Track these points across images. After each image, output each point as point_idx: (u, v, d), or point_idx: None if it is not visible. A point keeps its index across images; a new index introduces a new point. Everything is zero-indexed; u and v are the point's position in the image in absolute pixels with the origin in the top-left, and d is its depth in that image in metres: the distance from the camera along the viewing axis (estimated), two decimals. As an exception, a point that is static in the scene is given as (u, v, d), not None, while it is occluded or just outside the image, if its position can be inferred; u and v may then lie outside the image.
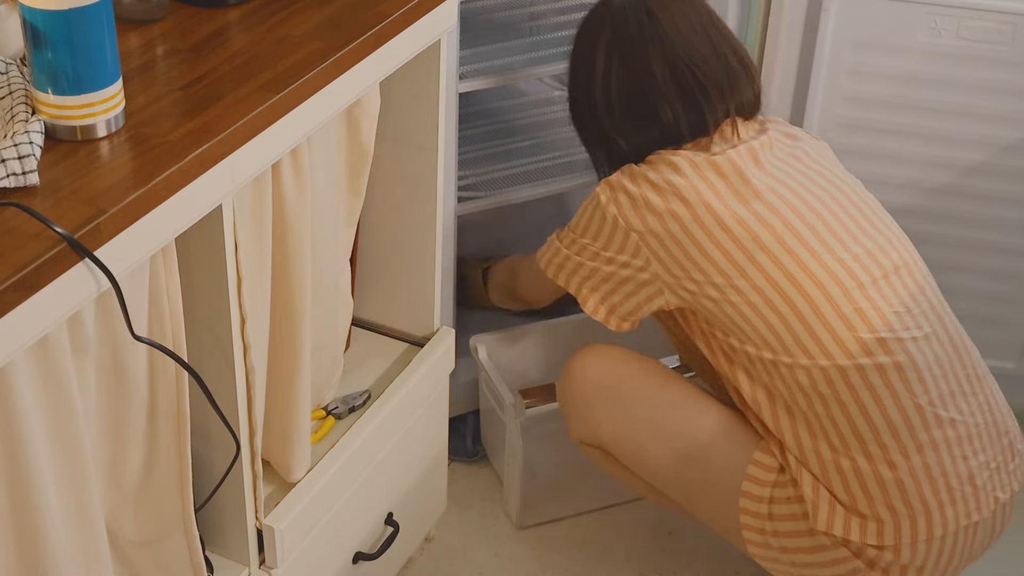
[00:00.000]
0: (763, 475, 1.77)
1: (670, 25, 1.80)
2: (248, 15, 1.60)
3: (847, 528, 1.71)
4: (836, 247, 1.72)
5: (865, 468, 1.69)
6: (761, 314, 1.71)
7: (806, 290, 1.70)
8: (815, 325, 1.69)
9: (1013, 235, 2.29)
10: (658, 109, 1.79)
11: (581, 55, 1.88)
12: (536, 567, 2.18)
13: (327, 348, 1.84)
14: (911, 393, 1.69)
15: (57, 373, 1.28)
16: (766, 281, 1.71)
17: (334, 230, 1.77)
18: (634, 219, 1.76)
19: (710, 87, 1.79)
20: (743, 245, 1.71)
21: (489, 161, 2.33)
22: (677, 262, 1.75)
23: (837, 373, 1.69)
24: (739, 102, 1.81)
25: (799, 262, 1.70)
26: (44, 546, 1.33)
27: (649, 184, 1.75)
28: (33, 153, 1.25)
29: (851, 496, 1.71)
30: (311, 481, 1.77)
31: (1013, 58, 2.14)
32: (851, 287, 1.70)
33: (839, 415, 1.69)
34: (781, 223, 1.72)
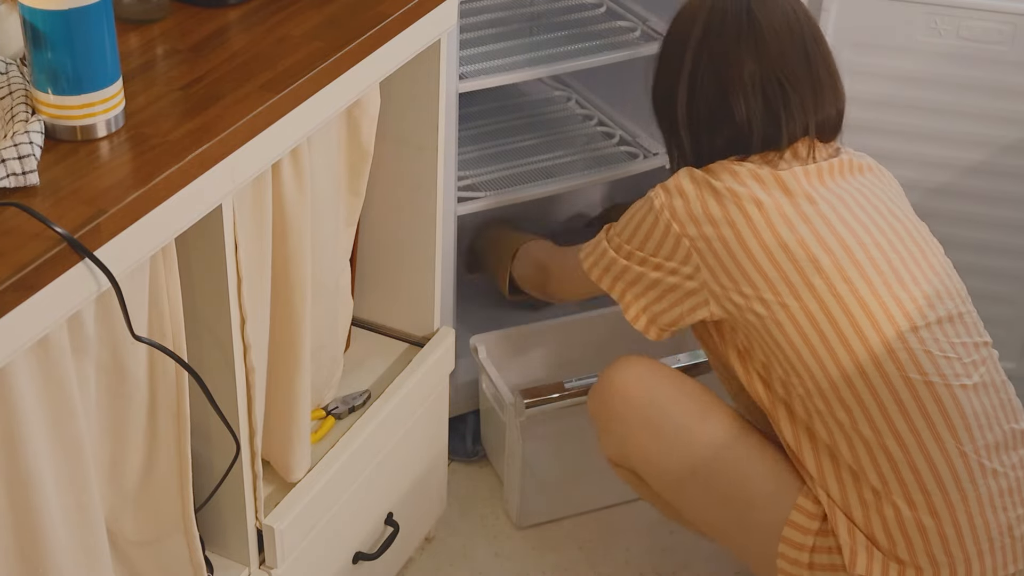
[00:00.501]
0: (806, 523, 1.71)
1: (768, 28, 1.74)
2: (248, 15, 1.60)
3: (885, 573, 1.66)
4: (894, 284, 1.67)
5: (907, 515, 1.65)
6: (807, 338, 1.66)
7: (857, 322, 1.65)
8: (863, 358, 1.64)
9: (1013, 235, 2.29)
10: (736, 110, 1.73)
11: (673, 40, 1.81)
12: (536, 567, 2.18)
13: (327, 348, 1.85)
14: (957, 441, 1.65)
15: (57, 373, 1.28)
16: (818, 306, 1.65)
17: (334, 230, 1.77)
18: (688, 224, 1.71)
19: (795, 99, 1.74)
20: (800, 266, 1.66)
21: (489, 161, 2.33)
22: (727, 272, 1.69)
23: (881, 416, 1.64)
24: (820, 119, 1.76)
25: (855, 293, 1.66)
26: (44, 546, 1.33)
27: (710, 190, 1.71)
28: (33, 153, 1.25)
29: (891, 542, 1.66)
30: (311, 481, 1.77)
31: (1013, 58, 2.14)
32: (905, 328, 1.65)
33: (883, 461, 1.65)
34: (842, 250, 1.67)
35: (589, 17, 2.37)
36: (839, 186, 1.74)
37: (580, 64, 2.21)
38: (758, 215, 1.68)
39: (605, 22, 2.35)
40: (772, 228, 1.68)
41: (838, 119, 1.80)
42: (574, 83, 2.56)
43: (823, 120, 1.77)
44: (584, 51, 2.24)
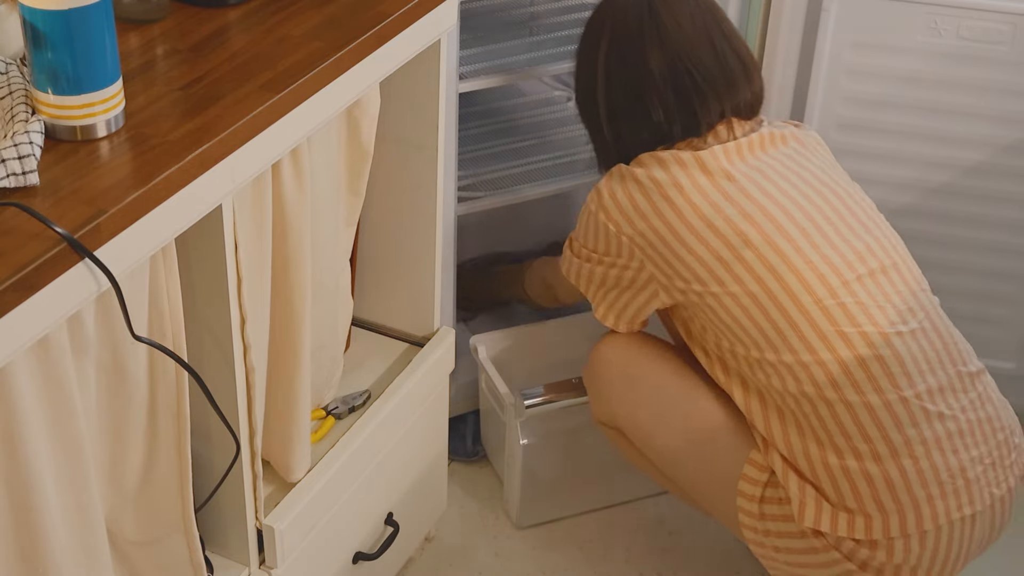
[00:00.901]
0: (756, 474, 1.78)
1: (671, 23, 1.80)
2: (248, 15, 1.60)
3: (834, 524, 1.71)
4: (822, 244, 1.73)
5: (853, 465, 1.70)
6: (747, 310, 1.72)
7: (790, 286, 1.71)
8: (799, 321, 1.70)
9: (1013, 235, 2.29)
10: (651, 107, 1.80)
11: (585, 49, 1.89)
12: (536, 567, 2.18)
13: (327, 348, 1.85)
14: (896, 387, 1.69)
15: (57, 373, 1.28)
16: (751, 277, 1.72)
17: (334, 230, 1.77)
18: (623, 223, 1.78)
19: (706, 88, 1.79)
20: (728, 241, 1.72)
21: (489, 161, 2.34)
22: (666, 260, 1.76)
23: (820, 369, 1.70)
24: (735, 103, 1.82)
25: (784, 259, 1.71)
26: (44, 546, 1.33)
27: (636, 183, 1.77)
28: (33, 153, 1.25)
29: (839, 493, 1.71)
30: (311, 481, 1.77)
31: (1013, 58, 2.14)
32: (835, 284, 1.71)
33: (826, 413, 1.70)
34: (766, 219, 1.73)
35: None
36: (759, 159, 1.79)
37: (580, 64, 2.21)
38: (681, 199, 1.74)
39: (605, 22, 2.34)
40: (696, 210, 1.74)
41: (755, 99, 1.85)
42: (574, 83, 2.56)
43: (739, 103, 1.82)
44: (584, 51, 2.24)
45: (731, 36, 1.84)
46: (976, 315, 2.28)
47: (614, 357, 1.93)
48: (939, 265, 2.05)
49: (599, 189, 1.82)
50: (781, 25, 2.20)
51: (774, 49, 2.22)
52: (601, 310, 1.90)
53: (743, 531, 1.81)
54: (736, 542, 2.22)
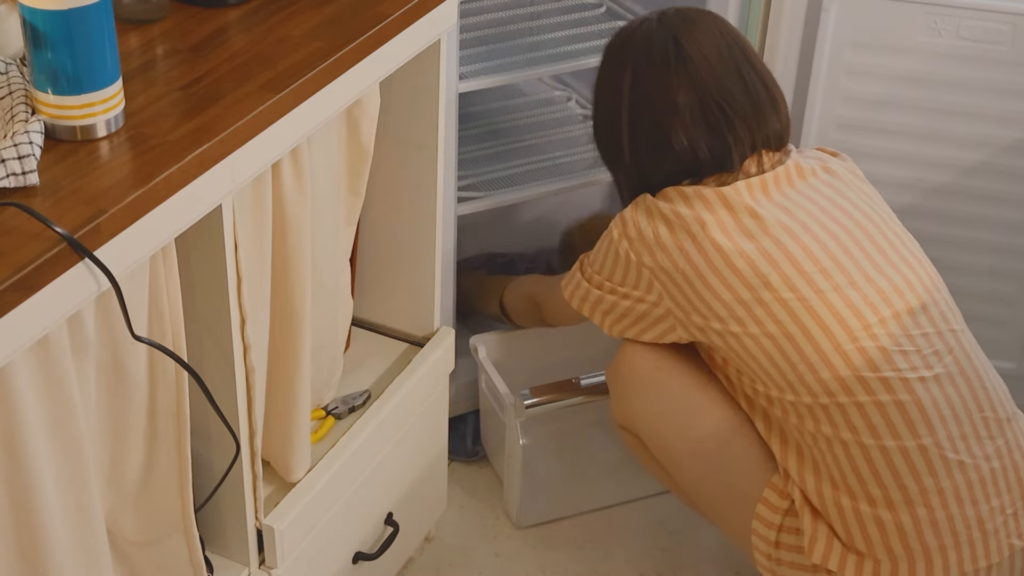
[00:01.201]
0: (777, 501, 1.75)
1: (698, 55, 1.76)
2: (248, 15, 1.60)
3: (843, 564, 1.69)
4: (844, 286, 1.69)
5: (866, 510, 1.67)
6: (766, 351, 1.69)
7: (809, 330, 1.67)
8: (817, 364, 1.67)
9: (1013, 235, 2.29)
10: (678, 142, 1.76)
11: (605, 79, 1.85)
12: (536, 567, 2.18)
13: (327, 348, 1.85)
14: (915, 435, 1.65)
15: (57, 373, 1.28)
16: (771, 320, 1.68)
17: (334, 230, 1.77)
18: (645, 255, 1.75)
19: (737, 122, 1.75)
20: (749, 283, 1.69)
21: (489, 161, 2.34)
22: (686, 297, 1.73)
23: (838, 412, 1.67)
24: (765, 135, 1.78)
25: (804, 302, 1.68)
26: (44, 546, 1.33)
27: (661, 218, 1.74)
28: (33, 153, 1.25)
29: (850, 535, 1.69)
30: (311, 481, 1.77)
31: (1013, 58, 2.14)
32: (856, 328, 1.67)
33: (841, 454, 1.67)
34: (788, 261, 1.69)
35: (589, 17, 2.37)
36: (785, 195, 1.75)
37: (580, 64, 2.21)
38: (704, 237, 1.71)
39: (605, 22, 2.35)
40: (718, 249, 1.70)
41: (783, 130, 1.82)
42: (574, 83, 2.57)
43: (768, 135, 1.79)
44: (584, 51, 2.24)
45: (758, 66, 1.80)
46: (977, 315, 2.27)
47: (641, 362, 1.87)
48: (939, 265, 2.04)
49: (624, 218, 1.78)
50: (781, 25, 2.20)
51: (774, 49, 2.22)
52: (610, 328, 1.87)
53: (755, 554, 1.78)
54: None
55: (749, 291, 1.69)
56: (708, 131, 1.76)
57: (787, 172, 1.78)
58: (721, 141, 1.76)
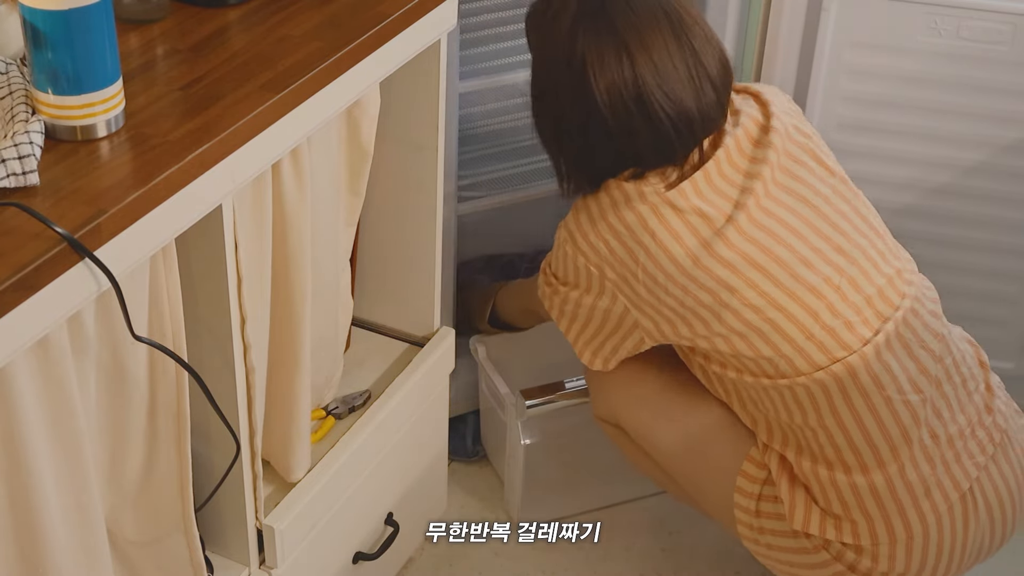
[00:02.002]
0: (755, 472, 1.79)
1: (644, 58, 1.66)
2: (248, 15, 1.60)
3: (822, 527, 1.73)
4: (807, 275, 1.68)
5: (841, 479, 1.71)
6: (735, 348, 1.70)
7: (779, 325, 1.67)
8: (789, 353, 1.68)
9: (1013, 235, 2.29)
10: (616, 130, 1.68)
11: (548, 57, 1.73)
12: (536, 567, 2.18)
13: (327, 348, 1.85)
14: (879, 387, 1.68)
15: (57, 373, 1.28)
16: (739, 320, 1.68)
17: (334, 230, 1.77)
18: (604, 266, 1.73)
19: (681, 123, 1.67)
20: (709, 289, 1.67)
21: (489, 161, 2.33)
22: (651, 305, 1.72)
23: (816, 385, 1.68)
24: (706, 117, 1.69)
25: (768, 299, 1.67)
26: (44, 546, 1.33)
27: (609, 230, 1.70)
28: (33, 153, 1.25)
29: (827, 500, 1.73)
30: (311, 481, 1.77)
31: (1013, 58, 2.14)
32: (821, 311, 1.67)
33: (817, 427, 1.70)
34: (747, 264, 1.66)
35: (589, 17, 2.36)
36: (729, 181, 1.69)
37: (580, 64, 2.21)
38: (656, 248, 1.67)
39: (605, 22, 2.34)
40: (673, 260, 1.67)
41: (720, 109, 1.70)
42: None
43: (708, 115, 1.69)
44: (584, 51, 2.23)
45: (698, 44, 1.68)
46: (976, 315, 2.28)
47: None
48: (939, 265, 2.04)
49: (571, 231, 1.74)
50: (781, 25, 2.20)
51: (774, 49, 2.22)
52: (578, 348, 1.86)
53: (738, 527, 1.82)
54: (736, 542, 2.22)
55: (713, 298, 1.67)
56: (647, 123, 1.67)
57: (728, 153, 1.70)
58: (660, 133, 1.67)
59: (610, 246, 1.72)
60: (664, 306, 1.72)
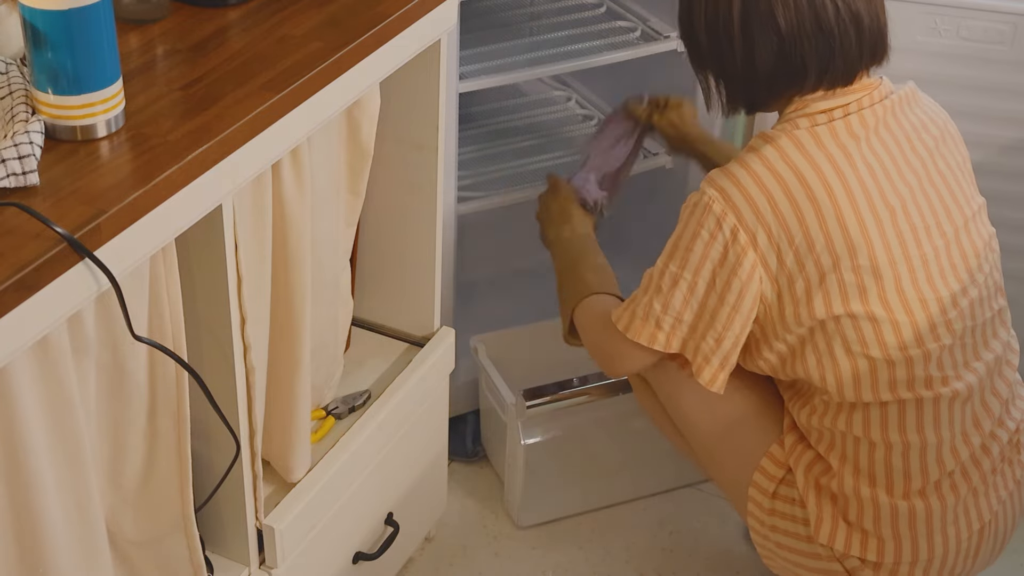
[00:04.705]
0: (773, 470, 1.77)
1: None
2: (248, 15, 1.60)
3: (848, 543, 1.71)
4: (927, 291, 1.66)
5: (884, 500, 1.69)
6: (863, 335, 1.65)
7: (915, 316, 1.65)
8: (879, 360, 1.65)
9: (1013, 235, 2.29)
10: (789, 49, 1.63)
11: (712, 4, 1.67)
12: (536, 567, 2.18)
13: (327, 348, 1.85)
14: (951, 425, 1.67)
15: (57, 373, 1.28)
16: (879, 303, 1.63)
17: (334, 230, 1.77)
18: (751, 221, 1.61)
19: (843, 29, 1.63)
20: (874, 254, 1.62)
21: (489, 161, 2.34)
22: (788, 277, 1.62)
23: (877, 409, 1.67)
24: (870, 47, 1.68)
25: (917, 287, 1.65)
26: (44, 546, 1.33)
27: (774, 177, 1.62)
28: (33, 153, 1.25)
29: (860, 514, 1.70)
30: (311, 481, 1.77)
31: (1013, 58, 2.14)
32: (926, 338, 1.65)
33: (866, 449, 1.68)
34: (912, 236, 1.64)
35: (589, 17, 2.37)
36: (890, 135, 1.68)
37: (580, 64, 2.21)
38: (829, 207, 1.61)
39: (605, 22, 2.35)
40: (842, 226, 1.61)
41: (879, 43, 1.71)
42: (574, 83, 2.57)
43: (872, 47, 1.69)
44: (584, 51, 2.24)
45: None
46: (976, 315, 2.28)
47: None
48: (939, 265, 2.05)
49: (721, 187, 1.63)
50: (781, 25, 2.20)
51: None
52: (703, 367, 1.69)
53: (749, 519, 1.80)
54: (737, 542, 2.22)
55: (870, 261, 1.61)
56: (819, 32, 1.63)
57: (893, 106, 1.70)
58: (828, 47, 1.64)
59: (774, 200, 1.61)
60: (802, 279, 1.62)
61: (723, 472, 1.85)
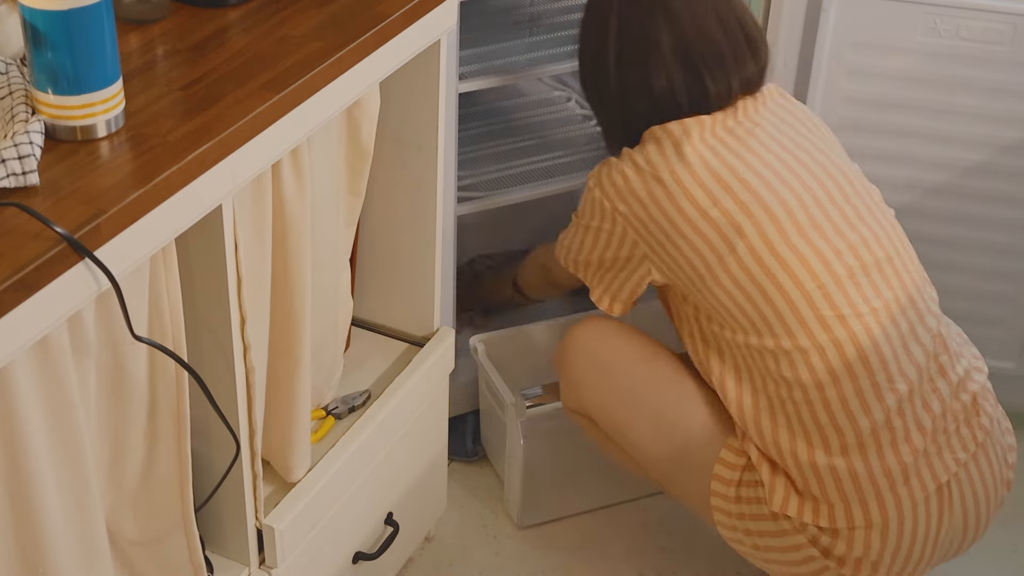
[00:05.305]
0: (734, 459, 1.81)
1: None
2: (248, 15, 1.60)
3: (800, 510, 1.75)
4: (815, 238, 1.73)
5: (821, 460, 1.73)
6: (736, 300, 1.74)
7: (776, 278, 1.72)
8: (783, 308, 1.72)
9: (1013, 235, 2.29)
10: (658, 83, 1.79)
11: (591, 26, 1.88)
12: (536, 567, 2.18)
13: (327, 348, 1.85)
14: (868, 371, 1.71)
15: (57, 373, 1.28)
16: (741, 270, 1.73)
17: (334, 230, 1.77)
18: (619, 203, 1.79)
19: (714, 63, 1.79)
20: (723, 233, 1.73)
21: (489, 161, 2.34)
22: (661, 244, 1.77)
23: (800, 356, 1.72)
24: (743, 78, 1.81)
25: (773, 252, 1.72)
26: (44, 546, 1.33)
27: (633, 166, 1.78)
28: (33, 153, 1.25)
29: (805, 482, 1.74)
30: (311, 481, 1.77)
31: (1013, 58, 2.14)
32: (820, 272, 1.72)
33: (800, 399, 1.73)
34: (761, 209, 1.73)
35: (589, 17, 2.36)
36: (759, 139, 1.78)
37: (580, 64, 2.21)
38: (675, 187, 1.74)
39: (605, 22, 2.34)
40: (690, 198, 1.74)
41: (759, 75, 1.84)
42: (574, 83, 2.57)
43: (746, 79, 1.82)
44: (584, 51, 2.24)
45: (738, 11, 1.83)
46: (976, 315, 2.28)
47: (587, 343, 1.94)
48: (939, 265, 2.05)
49: (599, 170, 1.83)
50: (781, 25, 2.20)
51: (774, 49, 2.22)
52: (597, 292, 1.90)
53: (714, 514, 1.83)
54: (736, 542, 2.22)
55: (723, 240, 1.73)
56: (687, 72, 1.79)
57: (746, 103, 1.82)
58: (699, 83, 1.79)
59: (630, 182, 1.78)
60: (672, 244, 1.75)
61: (682, 485, 1.89)
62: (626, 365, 1.91)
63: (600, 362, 1.92)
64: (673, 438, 1.86)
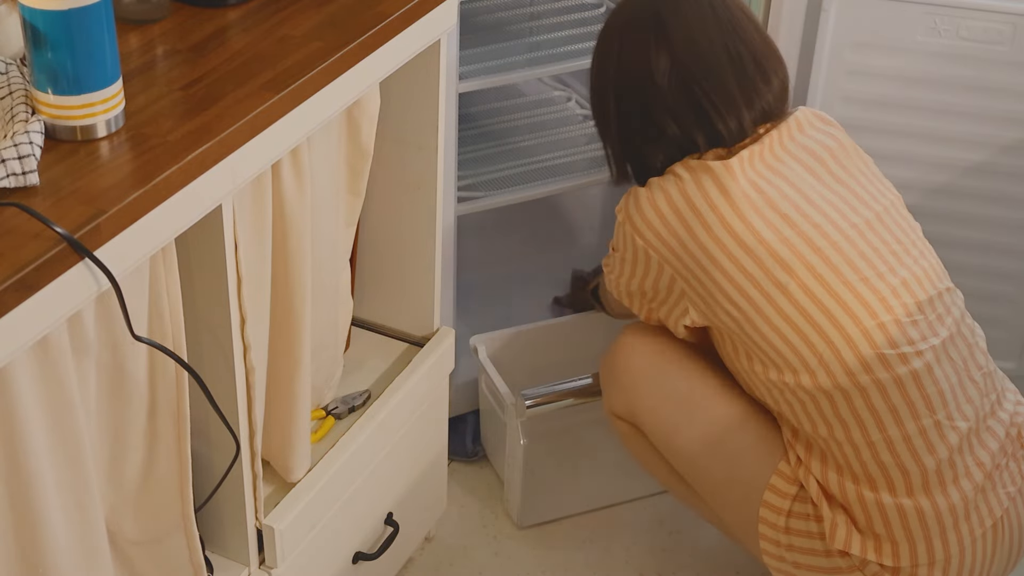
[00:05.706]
0: (785, 487, 1.75)
1: (681, 35, 1.73)
2: (248, 15, 1.60)
3: (863, 548, 1.70)
4: (871, 276, 1.68)
5: (887, 500, 1.68)
6: (782, 333, 1.68)
7: (832, 313, 1.66)
8: (839, 343, 1.65)
9: (1013, 235, 2.29)
10: (665, 125, 1.74)
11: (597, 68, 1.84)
12: (536, 567, 2.18)
13: (327, 348, 1.85)
14: (930, 410, 1.67)
15: (57, 373, 1.28)
16: (795, 309, 1.67)
17: (334, 230, 1.77)
18: (652, 238, 1.73)
19: (722, 103, 1.72)
20: (770, 271, 1.67)
21: (489, 161, 2.34)
22: (699, 280, 1.71)
23: (858, 394, 1.66)
24: (759, 110, 1.75)
25: (826, 287, 1.67)
26: (44, 546, 1.33)
27: (665, 199, 1.71)
28: (33, 153, 1.25)
29: (868, 519, 1.70)
30: (311, 481, 1.77)
31: (1013, 58, 2.14)
32: (876, 307, 1.67)
33: (861, 443, 1.67)
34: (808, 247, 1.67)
35: (589, 17, 2.37)
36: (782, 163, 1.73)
37: (580, 64, 2.21)
38: (714, 219, 1.68)
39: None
40: (731, 232, 1.68)
41: (778, 101, 1.77)
42: (574, 83, 2.57)
43: (763, 109, 1.75)
44: (584, 51, 2.24)
45: (747, 37, 1.75)
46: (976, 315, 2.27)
47: (641, 347, 1.87)
48: (939, 265, 2.05)
49: (628, 207, 1.76)
50: (781, 25, 2.20)
51: (774, 49, 2.22)
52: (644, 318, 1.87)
53: (761, 542, 1.78)
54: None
55: (767, 276, 1.67)
56: (695, 114, 1.73)
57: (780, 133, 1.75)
58: (708, 124, 1.73)
59: (664, 217, 1.71)
60: (712, 282, 1.70)
61: (729, 506, 1.84)
62: (682, 373, 1.84)
63: (656, 366, 1.86)
64: (723, 450, 1.80)
